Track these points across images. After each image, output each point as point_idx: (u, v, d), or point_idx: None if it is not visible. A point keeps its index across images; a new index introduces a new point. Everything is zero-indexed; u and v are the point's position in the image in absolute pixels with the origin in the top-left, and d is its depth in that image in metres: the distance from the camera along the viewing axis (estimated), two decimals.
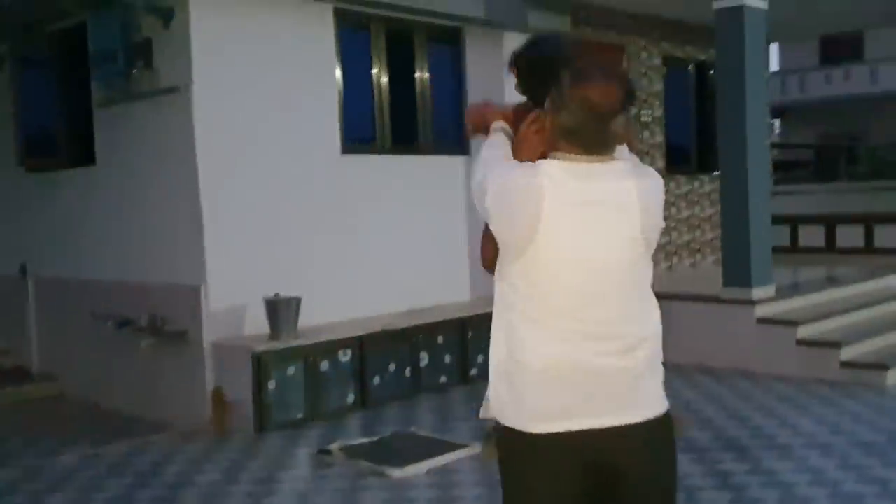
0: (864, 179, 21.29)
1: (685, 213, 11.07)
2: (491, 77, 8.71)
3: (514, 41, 8.83)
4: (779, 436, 5.88)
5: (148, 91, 6.77)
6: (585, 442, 2.17)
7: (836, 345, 7.55)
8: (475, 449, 5.66)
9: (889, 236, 11.48)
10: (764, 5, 7.89)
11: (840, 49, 27.44)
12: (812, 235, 12.00)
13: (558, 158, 2.21)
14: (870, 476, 5.04)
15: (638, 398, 2.23)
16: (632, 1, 9.65)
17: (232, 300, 6.74)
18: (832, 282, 9.47)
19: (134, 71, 6.64)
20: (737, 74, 7.78)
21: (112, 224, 7.46)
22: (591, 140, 2.18)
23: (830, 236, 11.87)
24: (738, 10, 7.71)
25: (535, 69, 3.16)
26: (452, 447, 5.73)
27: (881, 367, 7.33)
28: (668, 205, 10.65)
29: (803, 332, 7.72)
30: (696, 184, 11.24)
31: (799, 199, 13.46)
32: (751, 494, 4.83)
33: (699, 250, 11.27)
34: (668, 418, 2.30)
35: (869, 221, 11.64)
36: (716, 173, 10.74)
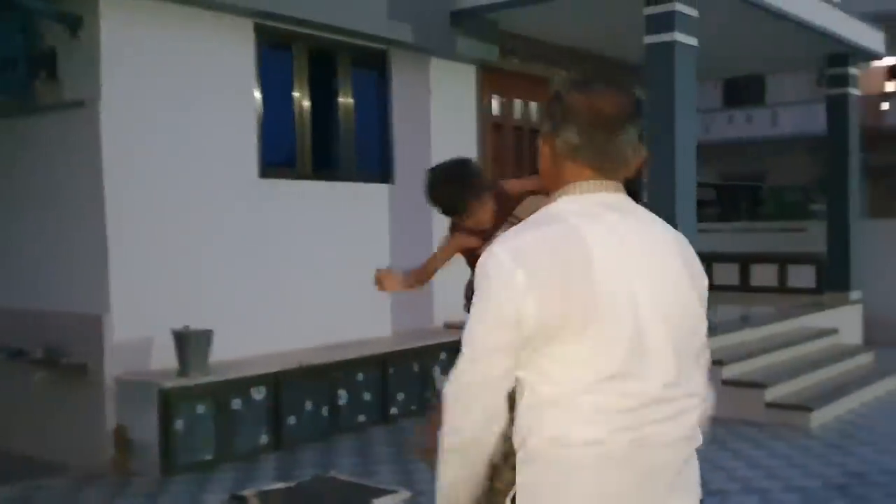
0: (768, 219, 21.79)
1: None
2: (416, 103, 8.46)
3: (441, 68, 8.63)
4: (714, 481, 5.69)
5: (51, 104, 6.25)
6: None
7: (760, 385, 7.50)
8: (402, 495, 5.30)
9: (798, 276, 11.63)
10: (694, 42, 7.85)
11: (743, 92, 28.25)
12: (726, 273, 12.06)
13: (573, 192, 1.85)
14: None
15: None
16: (559, 34, 9.54)
17: (137, 332, 6.23)
18: (748, 321, 9.47)
19: (36, 81, 6.12)
20: (667, 110, 7.68)
21: (5, 245, 6.87)
22: (602, 156, 1.83)
23: (745, 275, 11.96)
24: (670, 46, 7.64)
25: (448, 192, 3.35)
26: (377, 493, 5.35)
27: (805, 408, 7.30)
28: None
29: (727, 371, 7.63)
30: None
31: (708, 237, 13.56)
32: None
33: None
34: None
35: (783, 261, 11.78)
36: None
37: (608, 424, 1.71)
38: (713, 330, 8.44)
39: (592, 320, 1.70)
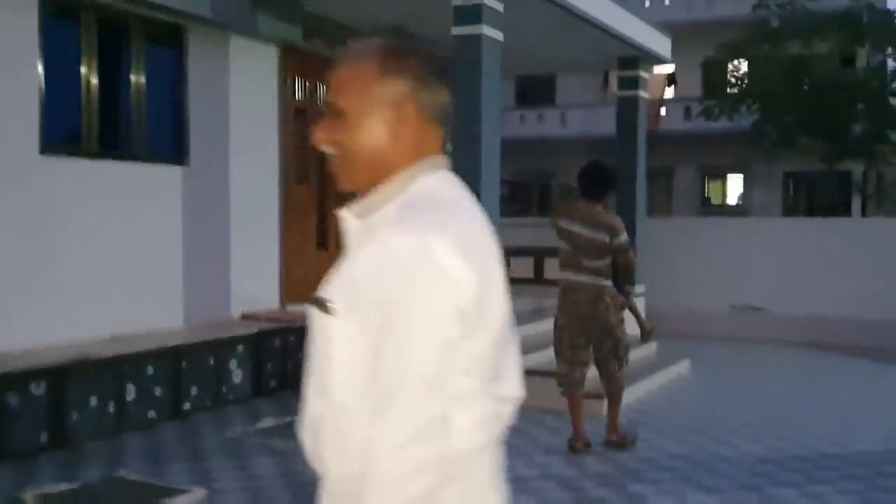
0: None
1: None
2: (215, 83, 8.08)
3: (242, 47, 8.28)
4: (509, 468, 5.77)
5: None
6: None
7: (553, 374, 7.68)
8: (196, 494, 5.01)
9: None
10: (500, 36, 7.95)
11: (535, 92, 29.27)
12: (519, 267, 12.37)
13: (440, 167, 1.63)
14: None
15: None
16: (362, 17, 9.39)
17: None
18: (541, 313, 9.72)
19: None
20: (474, 104, 7.74)
21: None
22: (449, 118, 1.64)
23: (538, 268, 12.31)
24: (477, 39, 7.70)
25: None
26: (170, 493, 5.03)
27: (597, 396, 7.55)
28: None
29: (528, 361, 7.77)
30: None
31: (504, 231, 13.91)
32: None
33: None
34: None
35: None
36: None
37: (493, 430, 1.60)
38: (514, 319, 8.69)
39: (491, 322, 1.55)
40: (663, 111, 25.43)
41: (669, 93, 27.21)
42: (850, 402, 8.24)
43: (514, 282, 9.33)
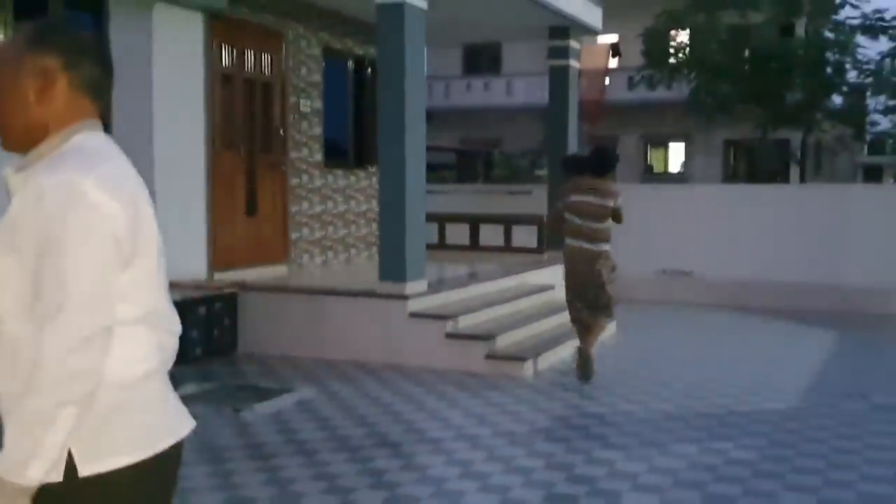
0: (499, 182, 22.89)
1: (341, 208, 11.03)
2: (137, 50, 8.02)
3: (165, 13, 8.23)
4: (430, 430, 5.93)
5: None
6: None
7: (480, 338, 7.86)
8: None
9: (521, 236, 12.28)
10: (424, 5, 8.01)
11: (481, 60, 29.31)
12: (457, 233, 12.52)
13: (91, 129, 1.90)
14: (515, 466, 5.21)
15: None
16: None
17: None
18: (475, 278, 9.88)
19: None
20: (397, 72, 7.81)
21: None
22: (107, 95, 1.94)
23: (474, 235, 12.47)
24: (399, 8, 7.74)
25: None
26: None
27: (520, 359, 7.75)
28: (325, 199, 10.62)
29: (451, 326, 7.94)
30: (353, 178, 11.24)
31: (443, 198, 14.01)
32: (404, 492, 4.78)
33: (353, 245, 11.30)
34: None
35: (508, 222, 12.38)
36: (372, 169, 10.84)
37: (155, 359, 1.84)
38: (444, 284, 8.81)
39: (146, 254, 1.81)
40: (607, 81, 25.62)
41: (614, 63, 27.41)
42: (766, 362, 8.52)
43: (450, 248, 9.50)
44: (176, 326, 1.92)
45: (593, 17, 11.47)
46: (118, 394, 1.74)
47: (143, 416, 1.80)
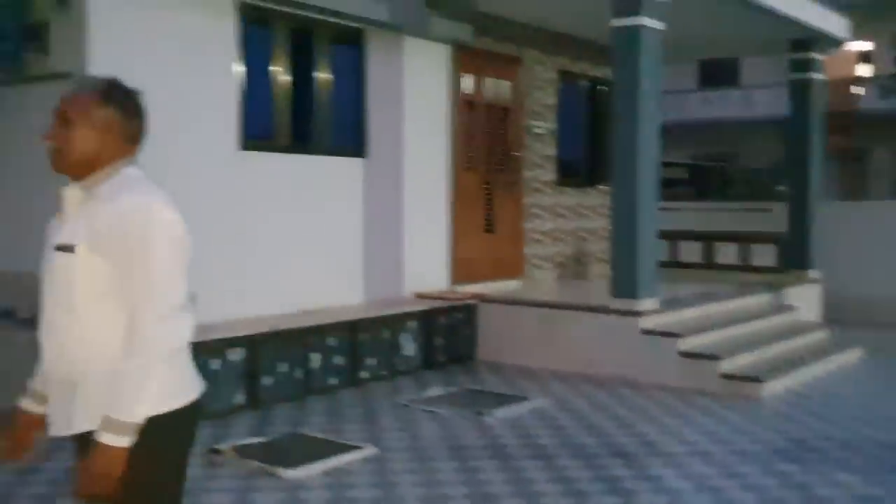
0: (736, 199, 22.23)
1: (573, 225, 11.32)
2: (391, 80, 8.72)
3: (415, 46, 8.89)
4: (663, 443, 6.07)
5: (39, 75, 6.47)
6: None
7: (715, 357, 7.85)
8: (367, 451, 5.65)
9: (761, 254, 12.01)
10: (661, 26, 8.15)
11: (718, 72, 28.61)
12: (691, 251, 12.44)
13: (131, 165, 2.55)
14: (750, 483, 5.26)
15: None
16: (529, 14, 9.83)
17: None
18: (709, 297, 9.81)
19: (27, 53, 6.34)
20: (632, 92, 8.00)
21: None
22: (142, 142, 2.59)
23: (708, 253, 12.34)
24: (636, 30, 7.94)
25: None
26: (345, 448, 5.69)
27: (756, 380, 7.67)
28: (556, 216, 10.97)
29: (684, 344, 7.99)
30: (585, 196, 11.51)
31: (677, 215, 13.93)
32: (641, 500, 4.97)
33: (585, 261, 11.55)
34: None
35: (745, 240, 12.16)
36: (604, 187, 11.05)
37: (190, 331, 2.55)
38: (678, 302, 8.86)
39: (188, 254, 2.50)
40: (859, 90, 24.20)
41: (866, 71, 25.87)
42: None
43: (684, 266, 9.59)
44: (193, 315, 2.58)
45: (837, 26, 11.08)
46: (180, 354, 2.44)
47: (189, 371, 2.53)
